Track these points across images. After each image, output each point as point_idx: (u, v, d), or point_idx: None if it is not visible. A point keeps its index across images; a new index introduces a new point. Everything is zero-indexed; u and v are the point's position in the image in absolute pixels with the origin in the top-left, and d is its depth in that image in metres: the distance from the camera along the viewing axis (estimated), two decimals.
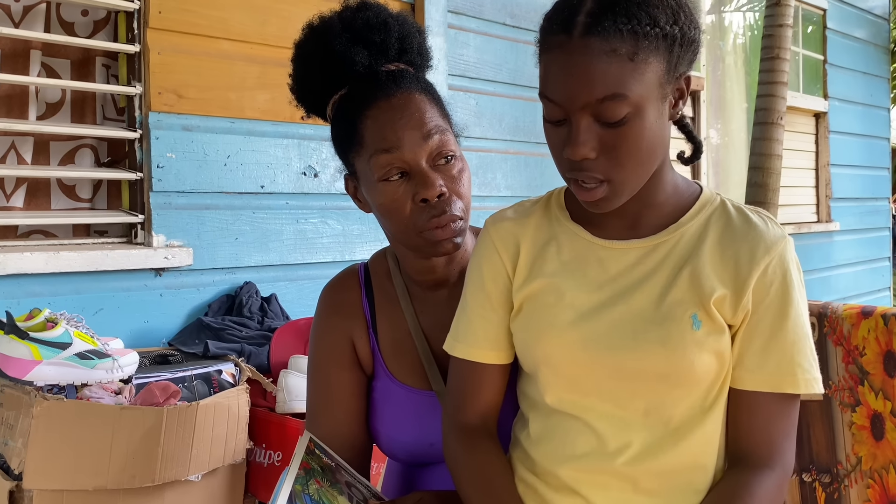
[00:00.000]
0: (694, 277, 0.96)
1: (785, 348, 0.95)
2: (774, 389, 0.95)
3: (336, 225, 2.69)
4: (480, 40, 3.20)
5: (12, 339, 1.64)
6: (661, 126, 0.93)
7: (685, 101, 0.97)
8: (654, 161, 0.96)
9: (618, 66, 0.87)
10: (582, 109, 0.89)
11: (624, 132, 0.89)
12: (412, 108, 1.13)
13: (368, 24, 1.17)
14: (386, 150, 1.12)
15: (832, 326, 1.65)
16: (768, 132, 3.39)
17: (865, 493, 1.63)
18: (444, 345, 1.11)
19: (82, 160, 2.31)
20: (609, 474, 0.97)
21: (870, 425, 1.65)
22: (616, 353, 0.96)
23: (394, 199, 1.14)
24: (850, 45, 5.68)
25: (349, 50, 1.15)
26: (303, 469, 1.06)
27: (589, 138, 0.90)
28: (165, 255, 2.26)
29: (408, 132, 1.12)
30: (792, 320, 0.95)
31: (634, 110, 0.89)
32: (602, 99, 0.88)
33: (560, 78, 0.90)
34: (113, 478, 1.61)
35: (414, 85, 1.16)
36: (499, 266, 1.07)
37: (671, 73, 0.92)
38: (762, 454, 0.96)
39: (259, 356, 2.11)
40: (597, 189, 0.93)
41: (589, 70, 0.88)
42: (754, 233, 0.97)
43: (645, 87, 0.89)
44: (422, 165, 1.13)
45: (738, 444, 0.98)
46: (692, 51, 0.95)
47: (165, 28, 2.29)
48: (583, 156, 0.91)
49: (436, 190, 1.12)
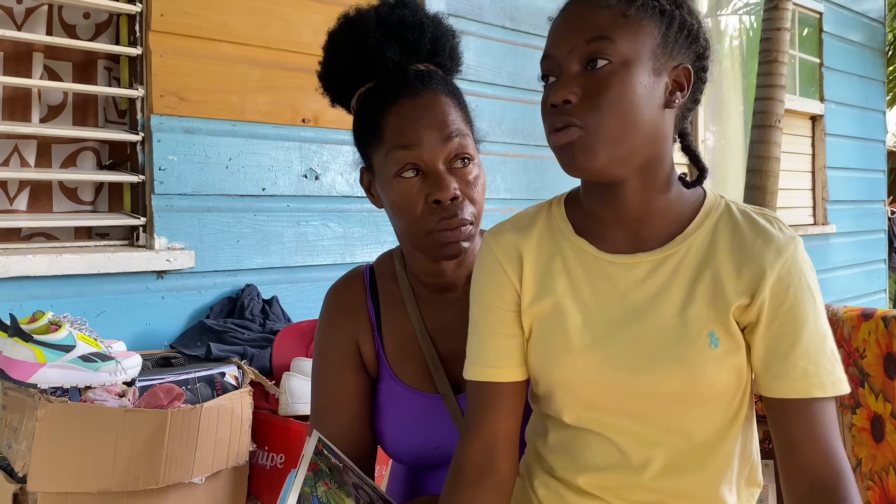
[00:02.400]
0: (711, 291, 0.94)
1: (809, 352, 0.92)
2: (803, 395, 0.92)
3: (337, 227, 2.70)
4: (480, 43, 3.21)
5: (16, 341, 1.64)
6: (650, 100, 0.92)
7: (685, 96, 0.96)
8: (639, 133, 0.92)
9: (610, 16, 0.91)
10: (570, 54, 0.92)
11: (607, 80, 0.90)
12: (436, 109, 1.14)
13: (404, 21, 1.18)
14: (404, 147, 1.13)
15: (832, 329, 1.66)
16: (766, 135, 3.40)
17: (866, 495, 1.65)
18: (464, 372, 1.06)
19: (84, 163, 2.31)
20: (633, 487, 0.97)
21: (870, 427, 1.67)
22: (634, 376, 0.94)
23: (407, 197, 1.14)
24: (846, 49, 5.70)
25: (381, 45, 1.15)
26: (311, 470, 1.06)
27: (572, 83, 0.92)
28: (167, 257, 2.26)
29: (428, 132, 1.12)
30: (812, 323, 0.93)
31: (621, 62, 0.91)
32: (589, 40, 0.91)
33: (558, 30, 0.95)
34: (117, 480, 1.61)
35: (441, 87, 1.16)
36: (504, 282, 1.03)
37: (666, 49, 0.93)
38: (832, 469, 0.92)
39: (261, 359, 2.11)
40: (568, 130, 0.92)
41: (582, 17, 0.92)
42: (764, 237, 0.95)
43: (635, 45, 0.91)
44: (438, 166, 1.13)
45: (804, 461, 0.92)
46: (694, 48, 0.96)
47: (167, 31, 2.29)
48: (563, 97, 0.92)
49: (450, 192, 1.12)
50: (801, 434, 0.93)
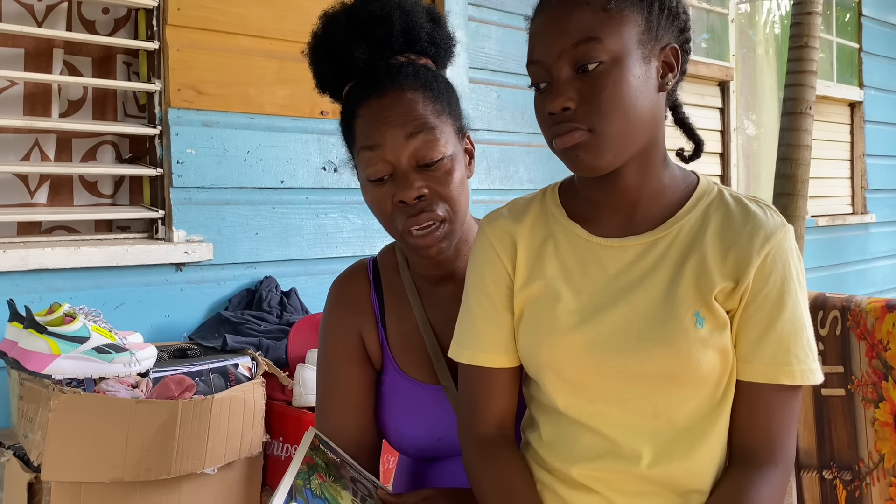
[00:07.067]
0: (697, 273, 0.95)
1: (782, 339, 0.94)
2: (770, 380, 0.94)
3: (356, 219, 2.70)
4: (502, 32, 3.18)
5: (31, 333, 1.67)
6: (645, 89, 0.93)
7: (675, 76, 0.96)
8: (640, 123, 0.94)
9: (591, 14, 0.90)
10: (559, 59, 0.92)
11: (602, 81, 0.90)
12: (400, 106, 1.12)
13: (372, 17, 1.16)
14: (369, 148, 1.13)
15: (855, 320, 1.61)
16: (797, 122, 3.32)
17: (888, 492, 1.60)
18: (450, 352, 1.10)
19: (104, 156, 2.34)
20: (625, 475, 0.96)
21: (893, 422, 1.61)
22: (621, 355, 0.95)
23: (377, 198, 1.15)
24: (887, 33, 5.54)
25: (349, 44, 1.15)
26: (306, 464, 1.06)
27: (568, 88, 0.92)
28: (186, 250, 2.28)
29: (391, 130, 1.11)
30: (789, 310, 0.94)
31: (612, 59, 0.90)
32: (576, 43, 0.90)
33: (540, 36, 0.94)
34: (129, 470, 1.63)
35: (410, 81, 1.14)
36: (499, 266, 1.05)
37: (651, 33, 0.93)
38: (764, 450, 0.95)
39: (277, 350, 2.12)
40: (574, 133, 0.92)
41: (564, 19, 0.91)
42: (753, 222, 0.96)
43: (621, 39, 0.91)
44: (402, 165, 1.12)
45: (740, 439, 0.97)
46: (677, 25, 0.96)
47: (184, 25, 2.31)
48: (561, 105, 0.92)
49: (413, 192, 1.11)
50: (755, 416, 0.95)
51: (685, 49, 0.98)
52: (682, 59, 0.97)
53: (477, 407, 1.07)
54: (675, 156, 1.07)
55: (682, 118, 1.06)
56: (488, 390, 1.06)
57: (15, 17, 2.16)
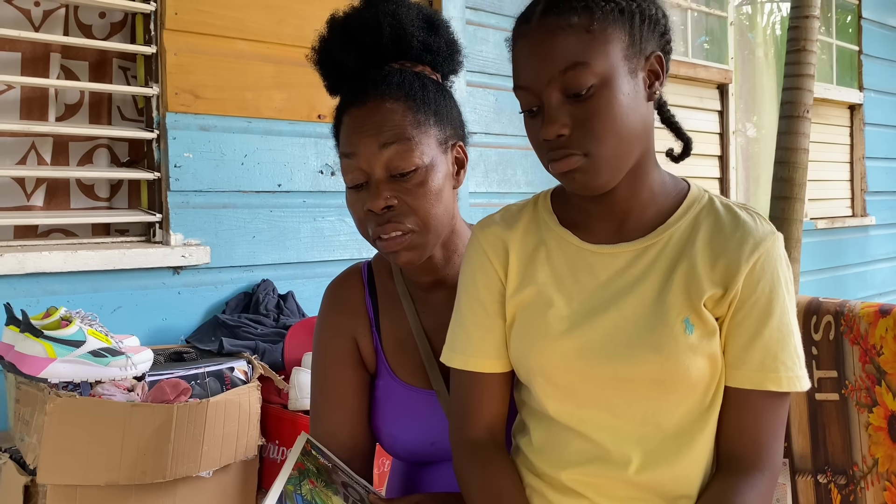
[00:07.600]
0: (686, 280, 0.95)
1: (769, 346, 0.94)
2: (757, 387, 0.94)
3: (353, 223, 2.70)
4: (500, 36, 3.18)
5: (27, 336, 1.67)
6: (636, 103, 0.93)
7: (662, 83, 0.97)
8: (634, 139, 0.94)
9: (575, 37, 0.90)
10: (549, 86, 0.91)
11: (594, 104, 0.90)
12: (378, 116, 1.12)
13: (364, 24, 1.16)
14: (346, 155, 1.15)
15: (849, 325, 1.61)
16: (794, 126, 3.32)
17: (882, 496, 1.60)
18: (442, 356, 1.10)
19: (100, 160, 2.35)
20: (614, 480, 0.97)
21: (887, 426, 1.61)
22: (611, 361, 0.95)
23: (352, 203, 1.17)
24: (887, 35, 5.54)
25: (340, 52, 1.16)
26: (297, 470, 1.07)
27: (560, 115, 0.91)
28: (183, 253, 2.29)
29: (365, 140, 1.12)
30: (777, 318, 0.95)
31: (601, 82, 0.90)
32: (564, 69, 0.90)
33: (525, 61, 0.93)
34: (125, 474, 1.64)
35: (394, 90, 1.13)
36: (491, 272, 1.06)
37: (635, 47, 0.93)
38: (751, 456, 0.95)
39: (273, 353, 2.12)
40: (570, 159, 0.92)
41: (548, 44, 0.90)
42: (743, 230, 0.96)
43: (608, 59, 0.90)
44: (375, 175, 1.12)
45: (728, 445, 0.97)
46: (658, 31, 0.96)
47: (181, 29, 2.31)
48: (556, 132, 0.92)
49: (379, 203, 1.12)
50: (743, 422, 0.95)
51: (667, 51, 0.98)
52: (666, 63, 0.97)
53: (468, 412, 1.07)
54: (664, 157, 1.08)
55: (667, 117, 1.06)
56: (479, 395, 1.06)
57: (12, 22, 2.17)
